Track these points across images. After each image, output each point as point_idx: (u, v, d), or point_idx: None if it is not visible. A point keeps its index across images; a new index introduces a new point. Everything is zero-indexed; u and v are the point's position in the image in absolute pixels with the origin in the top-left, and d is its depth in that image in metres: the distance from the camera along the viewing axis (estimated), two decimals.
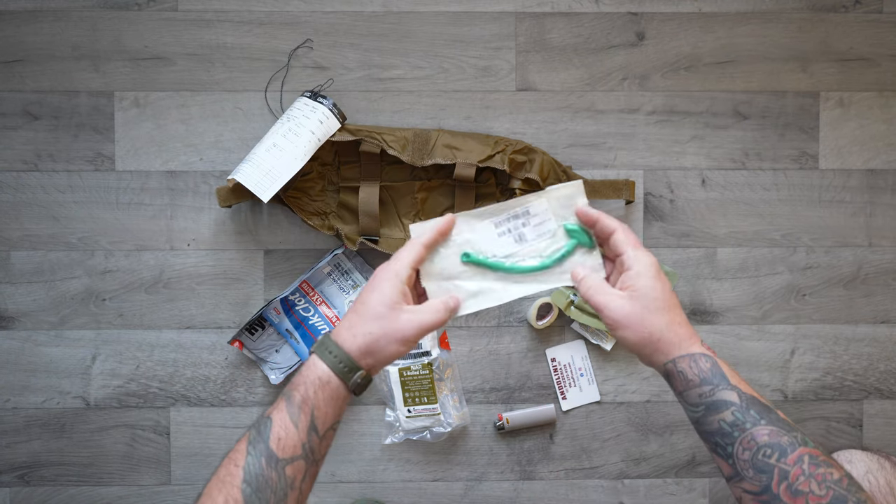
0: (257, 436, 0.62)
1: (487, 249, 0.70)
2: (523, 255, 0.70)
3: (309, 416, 0.62)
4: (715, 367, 0.62)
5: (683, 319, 0.65)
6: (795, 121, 1.06)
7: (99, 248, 1.04)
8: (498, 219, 0.70)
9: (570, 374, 1.05)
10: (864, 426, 1.07)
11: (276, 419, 0.62)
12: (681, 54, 1.05)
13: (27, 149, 1.03)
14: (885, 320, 1.07)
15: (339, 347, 0.64)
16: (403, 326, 0.63)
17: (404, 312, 0.64)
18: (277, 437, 0.61)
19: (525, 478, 1.06)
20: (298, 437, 0.62)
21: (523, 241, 0.70)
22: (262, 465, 0.60)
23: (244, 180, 0.94)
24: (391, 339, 0.63)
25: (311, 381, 0.63)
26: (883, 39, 1.06)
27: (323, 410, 0.63)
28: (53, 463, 1.04)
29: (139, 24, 1.03)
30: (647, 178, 1.06)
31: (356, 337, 0.63)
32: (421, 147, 0.99)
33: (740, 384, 0.62)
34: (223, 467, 0.61)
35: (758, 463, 0.59)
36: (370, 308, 0.64)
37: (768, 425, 0.60)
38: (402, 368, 1.02)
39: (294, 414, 0.62)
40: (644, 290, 0.63)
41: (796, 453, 0.58)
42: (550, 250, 0.69)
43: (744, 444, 0.60)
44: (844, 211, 1.06)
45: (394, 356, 0.64)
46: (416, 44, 1.04)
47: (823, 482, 0.57)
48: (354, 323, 0.64)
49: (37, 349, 1.04)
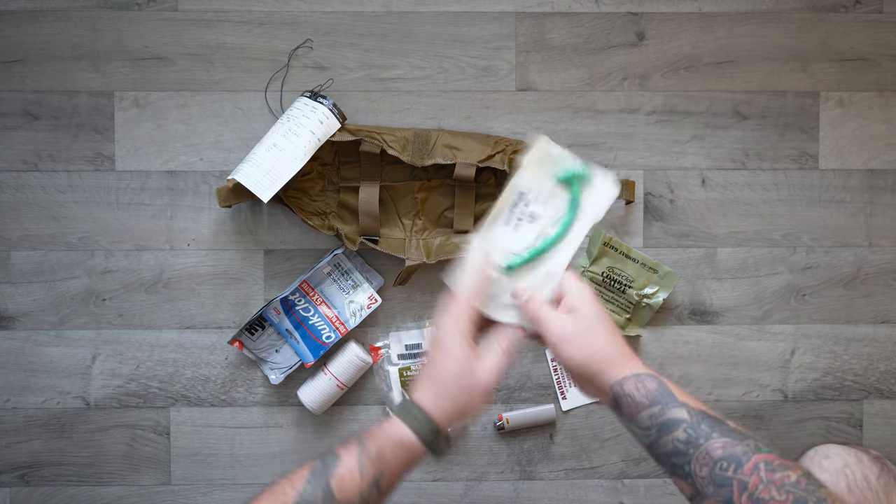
0: (322, 468, 0.62)
1: (517, 247, 0.70)
2: (546, 226, 0.71)
3: (377, 472, 0.63)
4: (661, 386, 0.63)
5: (625, 342, 0.66)
6: (795, 121, 1.06)
7: (99, 248, 1.04)
8: (504, 217, 0.71)
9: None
10: (864, 426, 1.07)
11: (344, 460, 0.63)
12: (681, 54, 1.05)
13: (27, 149, 1.03)
14: (885, 320, 1.07)
15: (425, 414, 0.64)
16: (485, 382, 0.65)
17: (479, 372, 0.65)
18: (340, 477, 0.62)
19: (525, 478, 1.06)
20: (360, 486, 0.62)
21: (537, 218, 0.71)
22: (318, 498, 0.61)
23: (244, 180, 0.94)
24: (476, 398, 0.65)
25: (393, 440, 0.64)
26: (883, 39, 1.06)
27: (392, 471, 0.64)
28: (53, 463, 1.04)
29: (139, 24, 1.03)
30: (647, 178, 1.06)
31: (443, 404, 0.65)
32: (421, 147, 0.99)
33: (688, 400, 0.62)
34: (279, 485, 0.62)
35: (716, 477, 0.59)
36: (451, 376, 0.65)
37: (720, 437, 0.60)
38: (402, 368, 1.02)
39: (364, 464, 0.63)
40: (585, 311, 0.66)
41: (752, 462, 0.58)
42: (563, 206, 0.71)
43: (699, 460, 0.59)
44: (844, 211, 1.06)
45: (479, 410, 0.67)
46: (416, 44, 1.04)
47: (782, 486, 0.57)
48: (438, 393, 0.65)
49: (37, 349, 1.04)
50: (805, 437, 1.06)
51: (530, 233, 0.71)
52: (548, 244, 0.70)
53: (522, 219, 0.71)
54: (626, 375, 0.63)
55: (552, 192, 0.71)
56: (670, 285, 1.04)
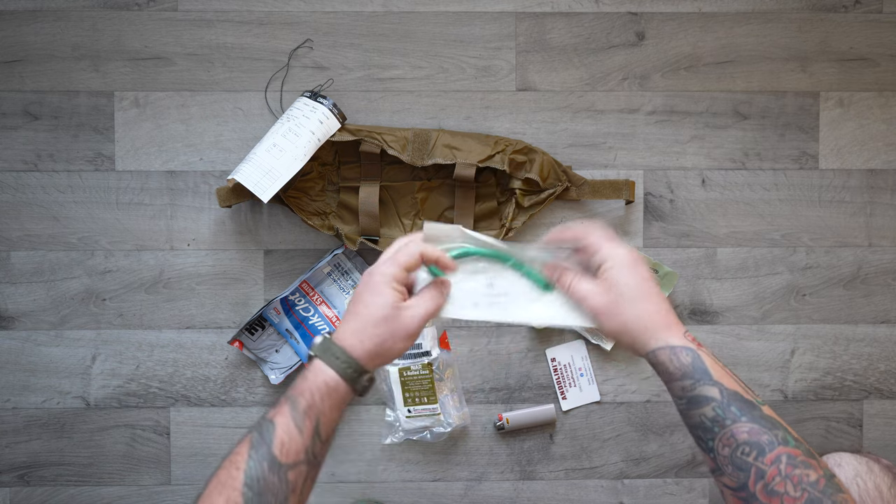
0: (259, 439, 0.62)
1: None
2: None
3: (314, 423, 0.62)
4: (697, 360, 0.62)
5: (662, 308, 0.65)
6: (795, 121, 1.06)
7: (99, 248, 1.04)
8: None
9: (570, 374, 1.05)
10: (864, 426, 1.07)
11: (280, 423, 0.62)
12: (681, 54, 1.05)
13: (27, 149, 1.03)
14: (885, 320, 1.07)
15: (346, 353, 0.64)
16: (408, 323, 0.64)
17: (405, 310, 0.65)
18: (281, 443, 0.61)
19: (525, 478, 1.06)
20: (303, 442, 0.62)
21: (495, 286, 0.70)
22: (265, 470, 0.60)
23: (244, 180, 0.94)
24: (398, 338, 0.64)
25: (318, 387, 0.63)
26: (883, 39, 1.06)
27: (328, 416, 0.63)
28: (53, 463, 1.04)
29: (139, 24, 1.03)
30: (647, 178, 1.06)
31: (364, 342, 0.64)
32: (421, 147, 0.99)
33: (724, 379, 0.62)
34: (223, 469, 0.61)
35: (736, 460, 0.59)
36: (374, 311, 0.64)
37: (749, 423, 0.59)
38: (402, 368, 1.02)
39: (299, 420, 0.62)
40: (618, 281, 0.64)
41: (774, 453, 0.58)
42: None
43: (723, 440, 0.60)
44: (844, 211, 1.06)
45: (401, 353, 0.66)
46: (416, 44, 1.04)
47: (799, 484, 0.57)
48: (358, 328, 0.65)
49: (37, 349, 1.04)
50: (805, 438, 1.06)
51: (482, 289, 0.70)
52: (499, 256, 0.70)
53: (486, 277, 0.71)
54: (660, 346, 0.63)
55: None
56: (670, 285, 1.04)
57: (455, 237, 0.69)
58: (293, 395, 0.64)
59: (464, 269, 0.70)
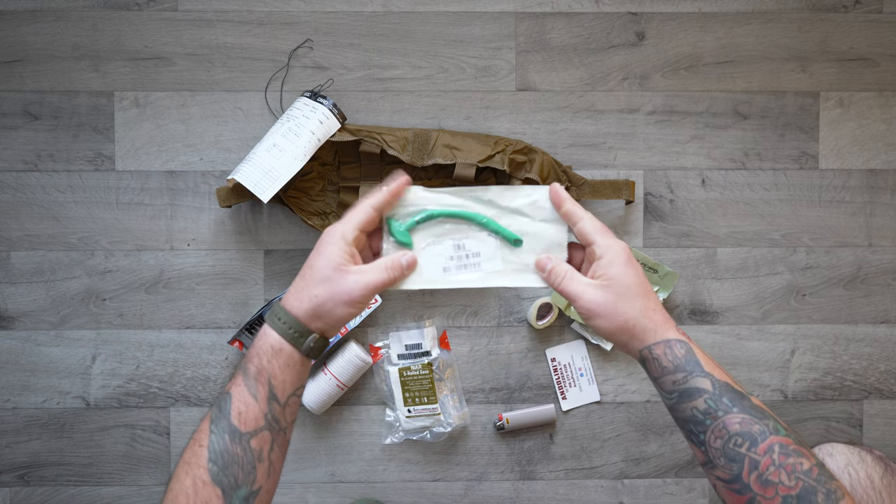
0: (218, 413, 0.61)
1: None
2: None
3: (267, 386, 0.62)
4: (689, 353, 0.62)
5: (657, 305, 0.64)
6: (795, 121, 1.06)
7: (99, 248, 1.04)
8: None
9: (570, 374, 1.05)
10: (864, 426, 1.07)
11: (235, 393, 0.62)
12: (681, 54, 1.05)
13: (27, 149, 1.03)
14: (885, 320, 1.07)
15: (287, 313, 0.63)
16: (349, 287, 0.62)
17: (350, 273, 0.63)
18: (238, 412, 0.61)
19: (525, 478, 1.06)
20: (259, 408, 0.61)
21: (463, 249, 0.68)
22: (226, 442, 0.60)
23: (244, 180, 0.94)
24: (338, 302, 0.62)
25: (265, 350, 0.63)
26: (883, 39, 1.06)
27: (280, 378, 0.62)
28: (53, 463, 1.04)
29: (139, 24, 1.03)
30: (647, 178, 1.06)
31: (302, 302, 0.63)
32: (421, 147, 0.99)
33: (714, 371, 0.62)
34: (188, 449, 0.61)
35: (729, 452, 0.59)
36: (316, 271, 0.63)
37: (740, 413, 0.59)
38: (402, 368, 1.02)
39: (252, 386, 0.62)
40: (616, 279, 0.62)
41: (767, 442, 0.58)
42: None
43: (715, 432, 0.60)
44: (844, 211, 1.06)
45: (343, 318, 0.63)
46: (416, 44, 1.04)
47: (793, 473, 0.57)
48: (301, 288, 0.63)
49: (37, 349, 1.04)
50: (805, 437, 1.06)
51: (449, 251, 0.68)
52: (465, 215, 0.67)
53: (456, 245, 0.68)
54: (657, 341, 0.62)
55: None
56: (670, 285, 1.04)
57: (418, 200, 0.67)
58: (244, 363, 0.63)
59: (429, 232, 0.67)
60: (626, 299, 0.62)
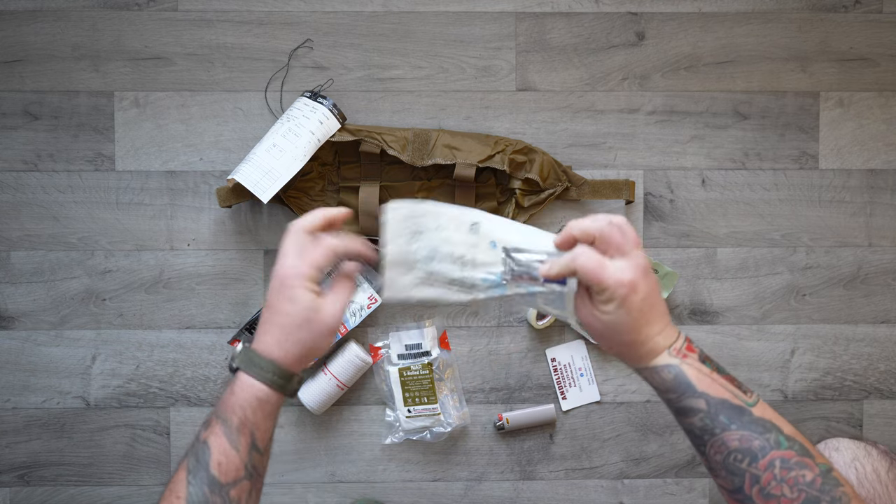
0: (196, 463, 0.61)
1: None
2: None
3: (249, 438, 0.62)
4: (679, 376, 0.61)
5: (656, 330, 0.62)
6: (795, 121, 1.06)
7: (99, 248, 1.04)
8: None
9: (570, 374, 1.05)
10: (864, 426, 1.07)
11: (214, 445, 0.61)
12: (681, 54, 1.05)
13: (27, 149, 1.03)
14: (885, 320, 1.07)
15: (273, 363, 0.63)
16: (329, 320, 0.64)
17: (325, 306, 0.64)
18: (218, 463, 0.61)
19: (525, 478, 1.06)
20: (240, 458, 0.61)
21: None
22: (206, 493, 0.60)
23: (244, 180, 0.94)
24: (322, 337, 0.64)
25: (248, 402, 0.63)
26: (883, 39, 1.06)
27: (263, 428, 0.63)
28: (53, 463, 1.04)
29: (139, 24, 1.03)
30: (647, 178, 1.06)
31: (288, 350, 0.63)
32: (421, 147, 0.99)
33: (710, 388, 0.60)
34: (165, 500, 0.61)
35: (729, 466, 0.59)
36: (293, 317, 0.63)
37: (739, 430, 0.59)
38: (402, 368, 1.02)
39: (233, 438, 0.61)
40: (611, 317, 0.61)
41: (767, 458, 0.58)
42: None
43: (714, 447, 0.60)
44: (844, 211, 1.06)
45: (326, 349, 0.66)
46: (416, 44, 1.04)
47: (795, 485, 0.57)
48: (281, 337, 0.64)
49: (37, 349, 1.04)
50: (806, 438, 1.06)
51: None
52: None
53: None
54: (645, 366, 0.63)
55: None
56: (670, 285, 1.04)
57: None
58: (224, 413, 0.63)
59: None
60: (618, 334, 0.62)
